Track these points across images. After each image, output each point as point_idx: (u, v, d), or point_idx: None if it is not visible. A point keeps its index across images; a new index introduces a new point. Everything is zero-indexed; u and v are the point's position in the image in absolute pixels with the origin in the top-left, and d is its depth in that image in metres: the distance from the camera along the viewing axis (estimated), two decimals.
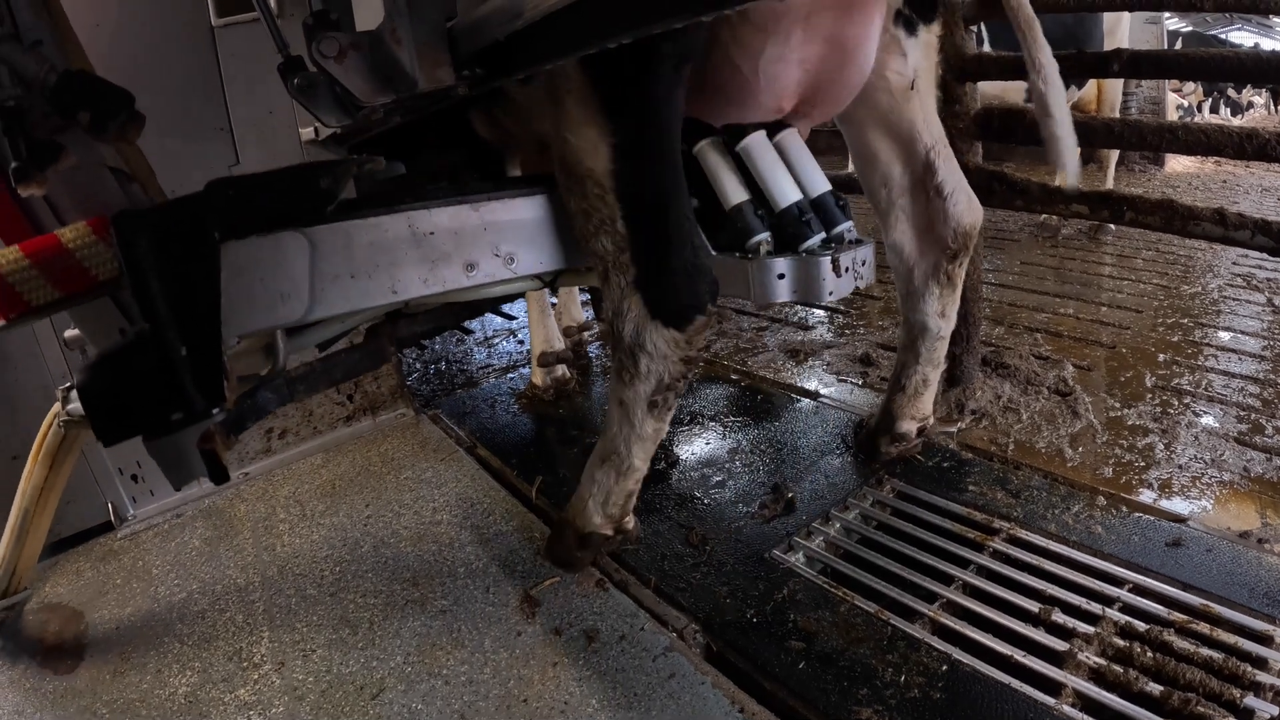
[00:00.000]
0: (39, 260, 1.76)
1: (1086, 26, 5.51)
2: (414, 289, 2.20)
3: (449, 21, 1.86)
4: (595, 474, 2.49)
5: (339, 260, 2.08)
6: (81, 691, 2.38)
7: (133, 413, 1.82)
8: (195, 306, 1.80)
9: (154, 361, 1.79)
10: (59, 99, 1.75)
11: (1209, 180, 8.01)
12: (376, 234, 2.12)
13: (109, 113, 1.80)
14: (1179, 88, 12.36)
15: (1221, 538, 2.37)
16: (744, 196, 2.26)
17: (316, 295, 2.05)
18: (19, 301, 1.78)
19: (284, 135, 3.62)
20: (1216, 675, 1.90)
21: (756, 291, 2.27)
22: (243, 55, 3.41)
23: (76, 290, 1.81)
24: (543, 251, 2.39)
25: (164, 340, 1.77)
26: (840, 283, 2.23)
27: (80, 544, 3.20)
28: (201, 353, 1.82)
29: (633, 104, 2.01)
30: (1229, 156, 2.53)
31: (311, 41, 1.84)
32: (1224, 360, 3.62)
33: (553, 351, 4.04)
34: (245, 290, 1.95)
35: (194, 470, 1.90)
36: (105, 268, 1.81)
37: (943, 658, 2.05)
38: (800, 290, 2.25)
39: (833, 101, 2.23)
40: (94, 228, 1.79)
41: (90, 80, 1.80)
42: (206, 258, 1.81)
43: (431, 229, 2.19)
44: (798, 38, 1.96)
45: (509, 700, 2.11)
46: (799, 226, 2.21)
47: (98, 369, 1.80)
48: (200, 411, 1.85)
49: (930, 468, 2.93)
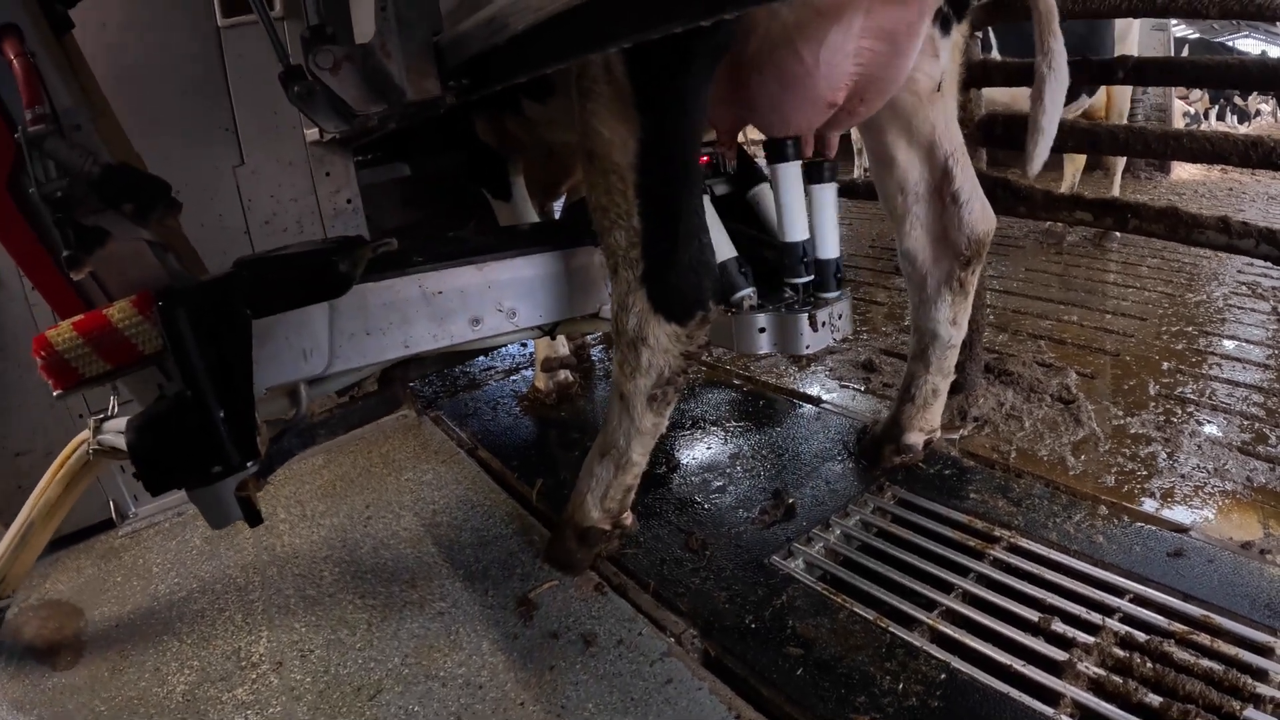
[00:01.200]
0: (90, 338, 1.94)
1: (1099, 36, 5.50)
2: (424, 343, 2.43)
3: (436, 36, 1.95)
4: (594, 468, 2.51)
5: (356, 320, 2.32)
6: (80, 688, 2.38)
7: (178, 467, 2.05)
8: (231, 375, 2.02)
9: (195, 423, 2.01)
10: (104, 191, 1.91)
11: (1215, 188, 7.98)
12: (390, 295, 2.37)
13: (151, 203, 2.01)
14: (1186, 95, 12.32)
15: (1223, 548, 2.36)
16: (731, 254, 2.44)
17: (336, 351, 2.30)
18: (74, 374, 1.97)
19: (288, 136, 3.63)
20: (1216, 687, 1.88)
21: (739, 343, 2.49)
22: (248, 56, 3.42)
23: (124, 363, 2.00)
24: (542, 305, 2.60)
25: (204, 405, 2.00)
26: (817, 337, 2.43)
27: (81, 541, 3.21)
28: (237, 414, 2.05)
29: (664, 99, 2.03)
30: (1233, 164, 2.52)
31: (309, 54, 1.95)
32: (1228, 369, 3.61)
33: (556, 356, 4.04)
34: (272, 349, 2.20)
35: (231, 514, 2.13)
36: (150, 343, 1.98)
37: (941, 666, 2.04)
38: (779, 343, 2.47)
39: (877, 97, 2.22)
40: (138, 306, 1.97)
41: (132, 174, 1.99)
42: (240, 332, 2.02)
43: (440, 289, 2.42)
44: (858, 27, 1.96)
45: (505, 703, 2.11)
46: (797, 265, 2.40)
47: (145, 430, 2.00)
48: (237, 465, 2.08)
49: (932, 475, 2.92)
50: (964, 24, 2.50)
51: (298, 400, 2.36)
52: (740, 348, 2.50)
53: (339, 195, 3.81)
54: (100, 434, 2.47)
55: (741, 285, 2.45)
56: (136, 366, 2.02)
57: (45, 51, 1.95)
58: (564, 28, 1.52)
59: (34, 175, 1.86)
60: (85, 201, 1.92)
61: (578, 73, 2.09)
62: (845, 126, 2.44)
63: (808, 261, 2.40)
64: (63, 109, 1.93)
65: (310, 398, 2.38)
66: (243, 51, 3.43)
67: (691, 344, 2.25)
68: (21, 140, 1.84)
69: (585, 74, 2.07)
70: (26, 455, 3.13)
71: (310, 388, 2.38)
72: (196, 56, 3.37)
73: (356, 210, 3.88)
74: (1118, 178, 6.63)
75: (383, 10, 1.90)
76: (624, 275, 2.23)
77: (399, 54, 1.90)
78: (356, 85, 1.99)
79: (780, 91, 2.12)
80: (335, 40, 2.01)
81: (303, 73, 2.02)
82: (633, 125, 2.06)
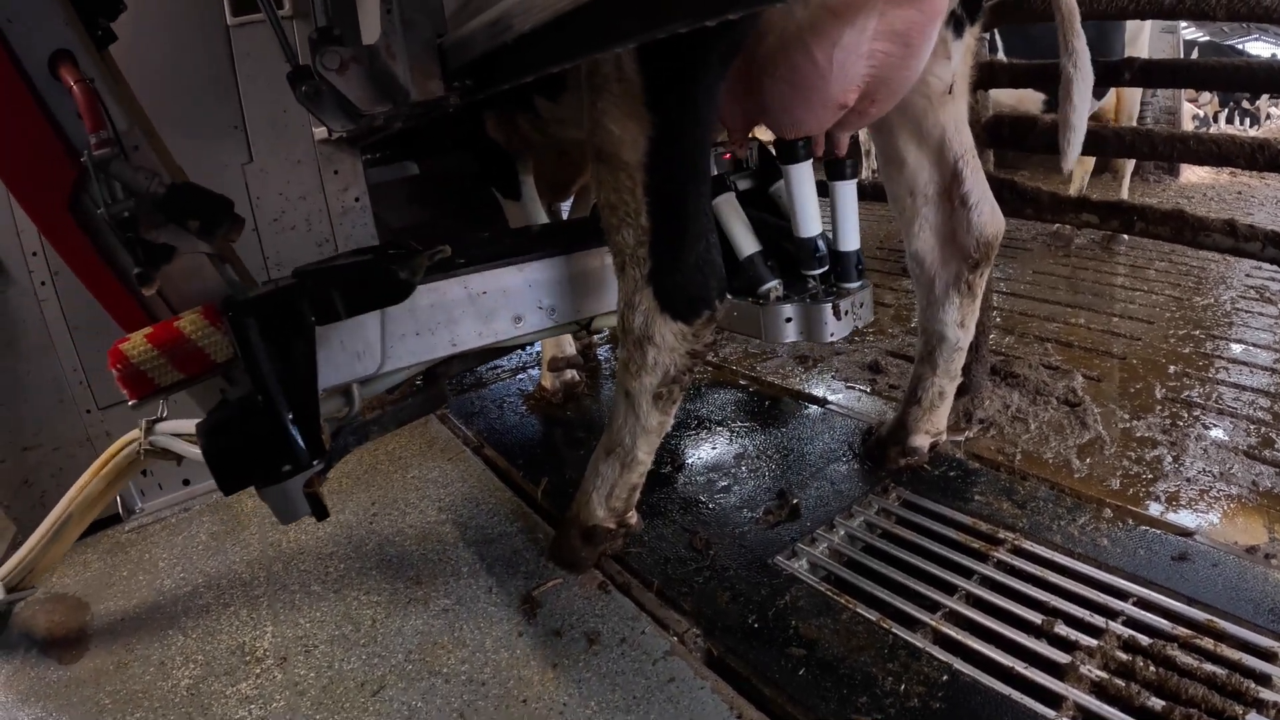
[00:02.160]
0: (164, 349, 2.04)
1: (1109, 40, 5.50)
2: (470, 341, 2.51)
3: (439, 37, 1.99)
4: (600, 466, 2.52)
5: (406, 321, 2.40)
6: (85, 682, 2.40)
7: (251, 468, 2.16)
8: (298, 378, 2.12)
9: (266, 425, 2.11)
10: (170, 209, 2.00)
11: (1224, 191, 7.96)
12: (437, 296, 2.43)
13: (217, 221, 2.08)
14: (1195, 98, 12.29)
15: (1228, 552, 2.35)
16: (756, 248, 2.59)
17: (387, 352, 2.38)
18: (149, 384, 2.05)
19: (298, 134, 3.64)
20: (1220, 691, 1.88)
21: (767, 332, 2.65)
22: (257, 54, 3.43)
23: (198, 371, 2.10)
24: (578, 301, 2.67)
25: (274, 407, 2.10)
26: (840, 325, 2.60)
27: (89, 536, 3.21)
28: (304, 414, 2.15)
29: (676, 97, 2.03)
30: (1240, 167, 2.52)
31: (316, 54, 1.99)
32: (1235, 373, 3.60)
33: (563, 357, 4.05)
34: (328, 352, 2.28)
35: (300, 510, 2.25)
36: (221, 351, 2.09)
37: (944, 667, 2.04)
38: (805, 332, 2.64)
39: (888, 99, 2.22)
40: (207, 317, 2.07)
41: (197, 191, 2.06)
42: (306, 338, 2.11)
43: (484, 289, 2.50)
44: (871, 29, 1.96)
45: (508, 700, 2.12)
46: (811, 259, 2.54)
47: (217, 433, 2.12)
48: (306, 463, 2.19)
49: (936, 476, 2.92)
50: (976, 26, 2.49)
51: (350, 399, 2.42)
52: (768, 337, 2.65)
53: (347, 193, 3.83)
54: (152, 435, 2.54)
55: (768, 278, 2.59)
56: (208, 375, 2.13)
57: (98, 73, 2.00)
58: (566, 29, 1.53)
59: (102, 198, 1.93)
60: (151, 219, 2.01)
61: (589, 70, 2.10)
62: (856, 127, 2.44)
63: (821, 256, 2.49)
64: (122, 131, 2.01)
65: (362, 397, 2.45)
66: (251, 50, 3.44)
67: (697, 343, 2.25)
68: (89, 164, 1.90)
69: (596, 72, 2.07)
70: (34, 450, 3.14)
71: (362, 387, 2.45)
72: (206, 55, 3.38)
73: (364, 208, 3.90)
74: (1126, 181, 6.63)
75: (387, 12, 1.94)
76: (631, 274, 2.23)
77: (403, 55, 1.93)
78: (362, 86, 2.03)
79: (792, 92, 2.12)
80: (342, 41, 2.04)
81: (310, 73, 2.06)
82: (643, 124, 2.06)
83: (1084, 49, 2.33)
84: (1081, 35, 2.33)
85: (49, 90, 1.97)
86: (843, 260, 2.60)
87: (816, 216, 2.50)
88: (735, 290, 2.62)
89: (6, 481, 3.11)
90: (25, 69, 1.94)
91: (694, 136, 2.10)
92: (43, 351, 3.11)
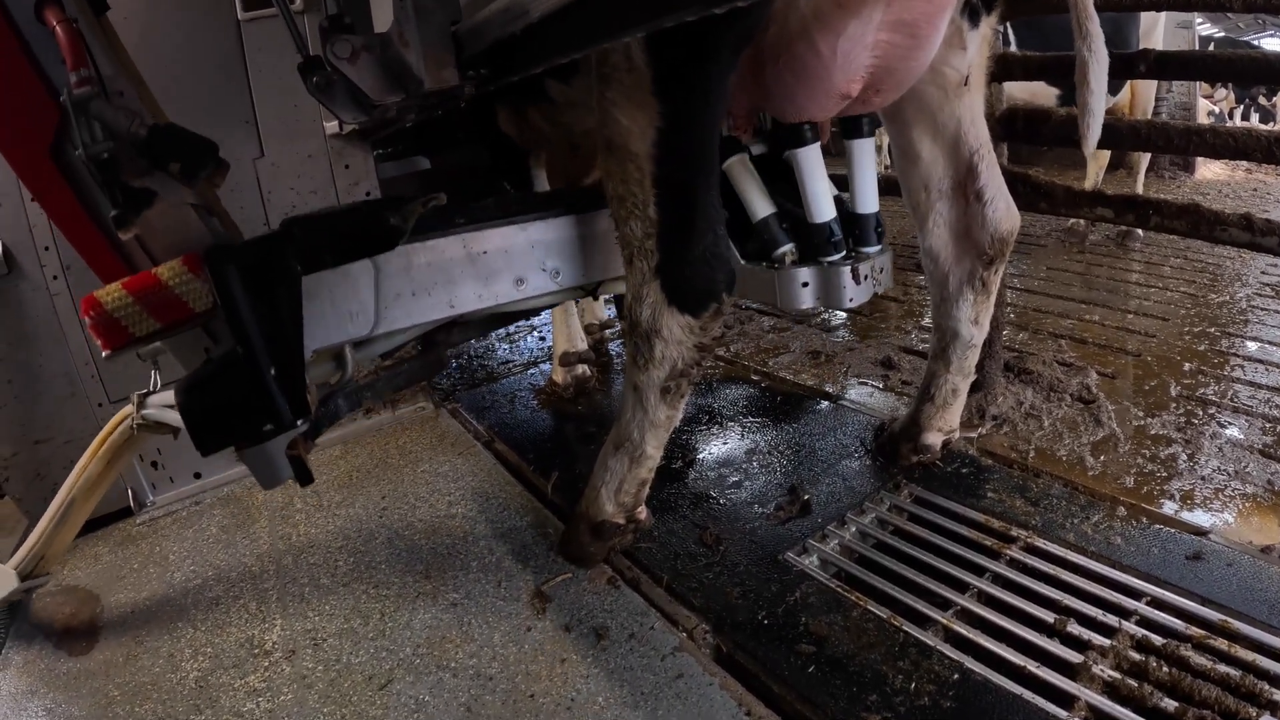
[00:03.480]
0: (140, 296, 1.94)
1: (1124, 34, 5.46)
2: (469, 304, 2.42)
3: (454, 25, 1.94)
4: (609, 461, 2.51)
5: (401, 280, 2.31)
6: (95, 673, 2.40)
7: (229, 426, 2.06)
8: (282, 331, 2.01)
9: (246, 381, 2.00)
10: (151, 151, 1.91)
11: (1239, 187, 7.90)
12: (434, 255, 2.36)
13: (199, 163, 1.97)
14: (1210, 94, 12.20)
15: (1243, 552, 2.33)
16: (770, 210, 2.43)
17: (382, 313, 2.29)
18: (124, 333, 1.96)
19: (308, 128, 3.64)
20: (1233, 693, 1.86)
21: (782, 298, 2.46)
22: (268, 49, 3.43)
23: (175, 320, 1.99)
24: (585, 264, 2.60)
25: (255, 362, 1.99)
26: (860, 290, 2.41)
27: (100, 529, 3.23)
28: (288, 371, 2.05)
29: (685, 88, 2.02)
30: (1257, 161, 2.49)
31: (327, 43, 1.95)
32: (1250, 371, 3.57)
33: (575, 351, 4.04)
34: (318, 311, 2.18)
35: (282, 474, 2.14)
36: (201, 300, 1.98)
37: (954, 666, 2.03)
38: (822, 297, 2.44)
39: (893, 89, 2.20)
40: (188, 264, 1.97)
41: (179, 133, 1.97)
42: (291, 288, 2.01)
43: (484, 248, 2.42)
44: (878, 19, 1.94)
45: (516, 695, 2.11)
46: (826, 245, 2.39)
47: (195, 389, 2.02)
48: (289, 423, 2.08)
49: (949, 473, 2.90)
50: (993, 16, 2.46)
51: (343, 364, 2.36)
52: (783, 303, 2.47)
53: (358, 188, 3.83)
54: (144, 409, 2.49)
55: (783, 240, 2.43)
56: (186, 325, 2.03)
57: (85, 20, 1.95)
58: (582, 15, 1.52)
59: (80, 138, 1.85)
60: (133, 163, 1.93)
61: (598, 59, 2.08)
62: (860, 113, 2.42)
63: (836, 241, 2.39)
64: (107, 75, 1.94)
65: (356, 361, 2.39)
66: (263, 45, 3.44)
67: (705, 336, 2.24)
68: (67, 103, 1.83)
69: (605, 61, 2.06)
70: (46, 443, 3.15)
71: (356, 350, 2.38)
72: (217, 49, 3.38)
73: None
74: (1141, 176, 6.58)
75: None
76: (639, 266, 2.22)
77: (416, 43, 1.88)
78: (374, 75, 1.99)
79: (795, 81, 2.11)
80: (353, 30, 2.01)
81: (321, 63, 2.03)
82: (652, 114, 2.04)
83: (1098, 32, 2.29)
84: (1095, 18, 2.30)
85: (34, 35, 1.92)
86: (861, 223, 2.46)
87: (830, 201, 2.39)
88: (749, 255, 2.52)
89: (19, 475, 3.12)
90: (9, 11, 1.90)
91: (703, 128, 2.08)
92: (54, 345, 3.12)
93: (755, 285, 2.52)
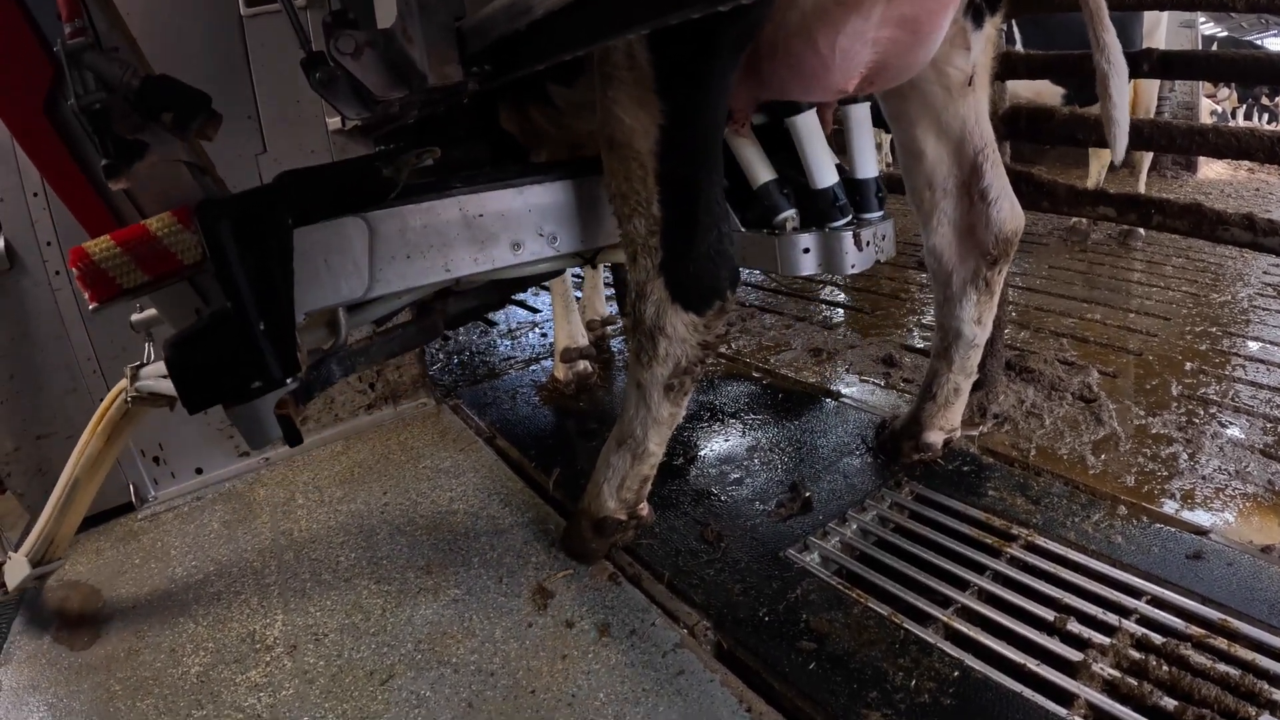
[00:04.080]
0: (129, 247, 1.93)
1: (1127, 34, 5.46)
2: (465, 267, 2.38)
3: (458, 20, 1.92)
4: (611, 458, 2.51)
5: (396, 242, 2.27)
6: (96, 668, 2.41)
7: (217, 383, 2.03)
8: (272, 285, 1.98)
9: (235, 336, 1.97)
10: (144, 101, 1.90)
11: (1242, 187, 7.90)
12: (430, 217, 2.31)
13: (191, 113, 1.98)
14: (1214, 93, 12.19)
15: (1243, 551, 2.33)
16: (770, 176, 2.40)
17: (376, 275, 2.24)
18: (111, 284, 1.95)
19: (311, 125, 3.64)
20: (1233, 692, 1.86)
21: (783, 265, 2.44)
22: (271, 45, 3.44)
23: (164, 272, 1.98)
24: (583, 230, 2.56)
25: (244, 316, 1.96)
26: (862, 256, 2.40)
27: (101, 523, 3.24)
28: (278, 327, 2.01)
29: (688, 85, 2.01)
30: (1259, 160, 2.49)
31: (330, 39, 1.93)
32: (1252, 370, 3.57)
33: (576, 347, 4.05)
34: (311, 271, 2.13)
35: (270, 433, 2.10)
36: (190, 253, 1.97)
37: (955, 663, 2.03)
38: (824, 263, 2.43)
39: (888, 82, 2.21)
40: (178, 216, 1.95)
41: (172, 84, 1.97)
42: (281, 241, 1.99)
43: (480, 211, 2.38)
44: (878, 15, 1.94)
45: (517, 691, 2.12)
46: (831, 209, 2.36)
47: (183, 345, 1.99)
48: (278, 380, 2.04)
49: (950, 471, 2.90)
50: (997, 17, 2.45)
51: (336, 328, 2.34)
52: (785, 269, 2.45)
53: None
54: (138, 380, 2.50)
55: (784, 206, 2.41)
56: (175, 277, 2.01)
57: None
58: (587, 11, 1.51)
59: (72, 88, 1.84)
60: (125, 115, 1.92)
61: (600, 58, 2.07)
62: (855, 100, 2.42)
63: (842, 205, 2.37)
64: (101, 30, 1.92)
65: (349, 325, 2.37)
66: (265, 41, 3.44)
67: (709, 334, 2.23)
68: (61, 53, 1.82)
69: (607, 59, 2.05)
70: (48, 438, 3.16)
71: (349, 314, 2.36)
72: (220, 45, 3.38)
73: None
74: (1144, 175, 6.58)
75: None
76: (642, 263, 2.21)
77: (420, 38, 1.87)
78: (378, 71, 1.98)
79: (793, 78, 2.11)
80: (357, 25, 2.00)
81: (324, 59, 2.01)
82: (654, 112, 2.04)
83: (1115, 43, 2.29)
84: (1111, 29, 2.30)
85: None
86: (861, 189, 2.46)
87: (831, 165, 2.37)
88: (749, 223, 2.50)
89: (21, 469, 3.13)
90: None
91: (706, 125, 2.08)
92: (56, 340, 3.13)
93: (756, 253, 2.50)
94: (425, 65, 1.89)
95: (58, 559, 2.71)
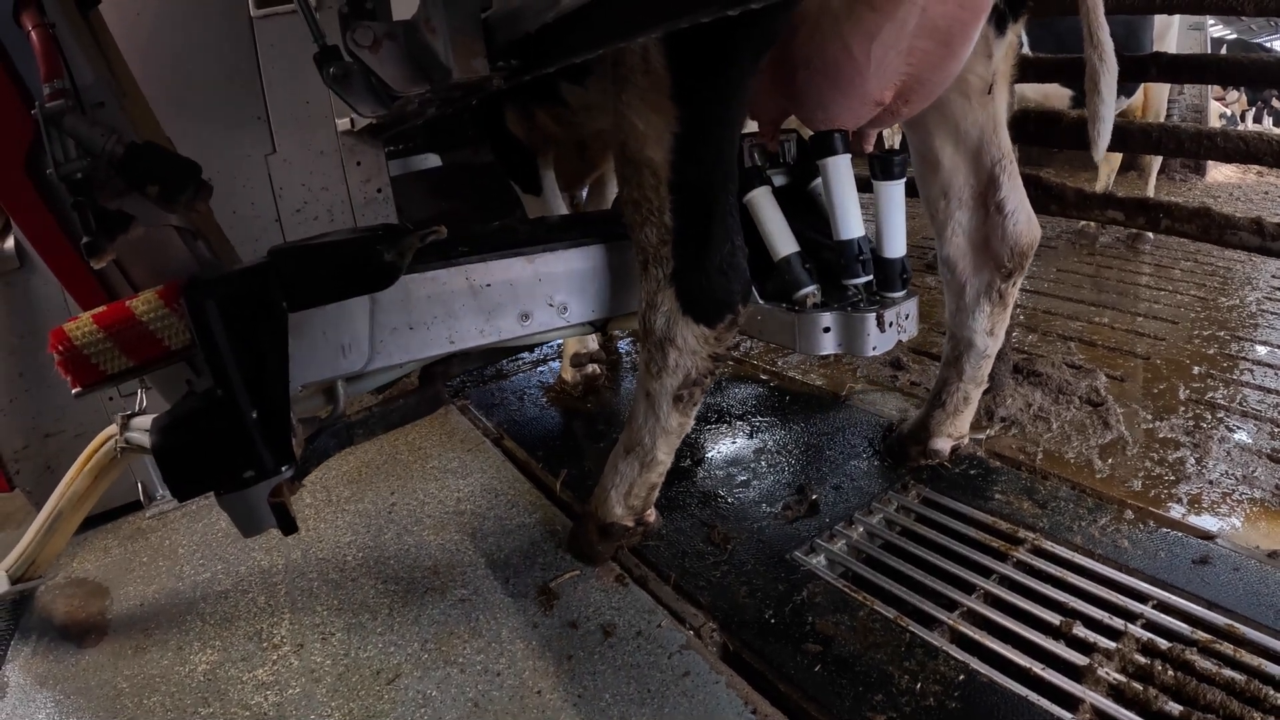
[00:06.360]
0: (112, 331, 1.82)
1: (1137, 38, 5.45)
2: (471, 339, 2.30)
3: (485, 11, 1.84)
4: (619, 465, 2.51)
5: (398, 313, 2.19)
6: (103, 665, 2.42)
7: (207, 472, 1.92)
8: (265, 372, 1.88)
9: (226, 424, 1.86)
10: (128, 172, 1.79)
11: (1250, 191, 7.87)
12: (435, 287, 2.23)
13: (179, 185, 1.85)
14: (1223, 96, 12.15)
15: (1250, 557, 2.33)
16: (794, 249, 2.33)
17: (376, 346, 2.17)
18: (94, 371, 1.84)
19: (321, 125, 3.66)
20: (1238, 698, 1.86)
21: (801, 343, 2.36)
22: (281, 46, 3.45)
23: (149, 358, 1.87)
24: (594, 299, 2.48)
25: (235, 405, 1.86)
26: (884, 337, 2.30)
27: (109, 522, 3.25)
28: (271, 415, 1.91)
29: (705, 92, 1.98)
30: (1268, 164, 2.49)
31: (346, 30, 1.84)
32: (1260, 375, 3.56)
33: (585, 351, 4.05)
34: (308, 343, 2.06)
35: (263, 522, 1.99)
36: (177, 337, 1.86)
37: (960, 667, 2.03)
38: (844, 344, 2.34)
39: (922, 99, 2.18)
40: (164, 298, 1.83)
41: (158, 153, 1.84)
42: (275, 327, 1.89)
43: (488, 281, 2.29)
44: (913, 24, 1.92)
45: (523, 691, 2.12)
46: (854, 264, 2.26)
47: (171, 430, 1.88)
48: (271, 470, 1.94)
49: (957, 475, 2.90)
50: (1019, 23, 2.43)
51: (334, 398, 2.25)
52: (803, 348, 2.37)
53: (369, 184, 3.84)
54: (128, 430, 2.45)
55: (806, 282, 2.33)
56: (162, 363, 1.90)
57: (67, 23, 1.83)
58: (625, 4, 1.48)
59: (52, 155, 1.71)
60: (108, 184, 1.79)
61: (614, 61, 2.05)
62: (887, 125, 2.40)
63: (865, 260, 2.26)
64: (84, 85, 1.81)
65: (348, 395, 2.28)
66: (275, 41, 3.46)
67: (719, 346, 2.22)
68: (38, 117, 1.69)
69: (622, 63, 2.02)
70: (55, 437, 3.17)
71: (348, 385, 2.27)
72: (230, 45, 3.40)
73: (387, 199, 3.92)
74: (1152, 179, 6.56)
75: None
76: (654, 273, 2.19)
77: (445, 30, 1.77)
78: (397, 64, 1.87)
79: (827, 86, 2.09)
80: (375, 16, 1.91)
81: (339, 53, 1.93)
82: (669, 119, 2.01)
83: (1108, 40, 2.29)
84: (1105, 26, 2.30)
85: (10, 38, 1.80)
86: (886, 268, 2.34)
87: (858, 216, 2.25)
88: (768, 295, 2.42)
89: (29, 467, 3.14)
90: None
91: (722, 133, 2.05)
92: None
93: (774, 327, 2.43)
94: (449, 58, 1.79)
95: (38, 578, 2.74)
